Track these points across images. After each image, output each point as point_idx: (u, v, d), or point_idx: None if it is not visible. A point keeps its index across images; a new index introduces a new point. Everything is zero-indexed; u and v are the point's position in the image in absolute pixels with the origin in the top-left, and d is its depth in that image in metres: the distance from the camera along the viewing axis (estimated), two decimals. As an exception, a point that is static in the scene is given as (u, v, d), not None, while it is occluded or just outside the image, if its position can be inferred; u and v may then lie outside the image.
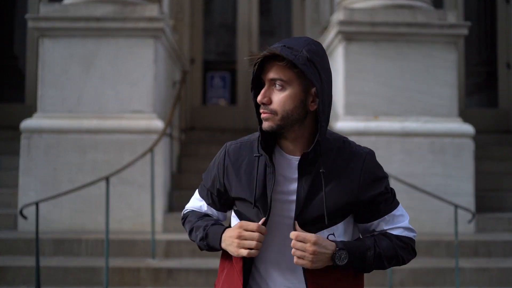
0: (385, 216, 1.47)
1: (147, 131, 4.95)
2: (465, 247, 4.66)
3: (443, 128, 5.07)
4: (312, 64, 1.36)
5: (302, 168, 1.40)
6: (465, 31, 5.20)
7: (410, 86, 5.13)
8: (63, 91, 5.08)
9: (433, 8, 5.40)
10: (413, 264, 4.23)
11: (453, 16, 5.21)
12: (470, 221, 3.98)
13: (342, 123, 5.09)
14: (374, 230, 1.49)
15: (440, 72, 5.14)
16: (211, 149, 6.42)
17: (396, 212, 1.48)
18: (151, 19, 5.04)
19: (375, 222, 1.47)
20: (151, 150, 4.58)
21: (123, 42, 5.08)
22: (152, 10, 5.08)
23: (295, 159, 1.43)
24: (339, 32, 5.11)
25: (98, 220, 4.77)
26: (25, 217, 3.95)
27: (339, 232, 1.44)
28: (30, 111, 6.10)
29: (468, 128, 5.10)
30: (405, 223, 1.49)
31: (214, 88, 7.51)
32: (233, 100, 7.61)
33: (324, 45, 5.76)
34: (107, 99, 5.07)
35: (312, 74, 1.36)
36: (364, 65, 5.12)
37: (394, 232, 1.47)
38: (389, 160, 4.86)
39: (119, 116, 5.02)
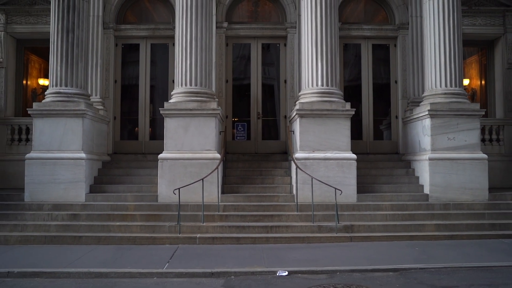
0: None
1: (213, 159, 11.29)
2: (344, 207, 11.00)
3: (343, 156, 11.36)
4: None
5: None
6: (353, 112, 11.50)
7: (329, 137, 11.43)
8: (175, 141, 11.45)
9: (342, 101, 11.67)
10: (325, 212, 10.69)
11: (349, 105, 11.50)
12: (341, 194, 10.31)
13: (299, 154, 11.40)
14: None
15: (342, 130, 11.43)
16: (239, 164, 12.89)
17: None
18: (214, 109, 11.42)
19: None
20: (217, 168, 10.94)
21: (202, 119, 11.43)
22: (214, 105, 11.46)
23: None
24: (297, 114, 11.46)
25: (192, 197, 11.14)
26: (174, 194, 10.27)
27: None
28: (141, 145, 12.80)
29: (354, 156, 11.39)
30: None
31: (238, 131, 13.94)
32: (248, 137, 14.04)
33: (292, 117, 12.20)
34: (194, 144, 11.41)
35: None
36: (308, 128, 11.43)
37: None
38: (318, 171, 11.20)
39: (200, 152, 11.38)
